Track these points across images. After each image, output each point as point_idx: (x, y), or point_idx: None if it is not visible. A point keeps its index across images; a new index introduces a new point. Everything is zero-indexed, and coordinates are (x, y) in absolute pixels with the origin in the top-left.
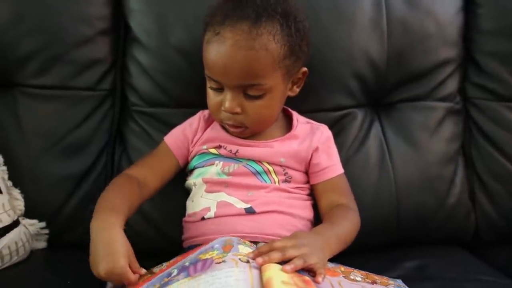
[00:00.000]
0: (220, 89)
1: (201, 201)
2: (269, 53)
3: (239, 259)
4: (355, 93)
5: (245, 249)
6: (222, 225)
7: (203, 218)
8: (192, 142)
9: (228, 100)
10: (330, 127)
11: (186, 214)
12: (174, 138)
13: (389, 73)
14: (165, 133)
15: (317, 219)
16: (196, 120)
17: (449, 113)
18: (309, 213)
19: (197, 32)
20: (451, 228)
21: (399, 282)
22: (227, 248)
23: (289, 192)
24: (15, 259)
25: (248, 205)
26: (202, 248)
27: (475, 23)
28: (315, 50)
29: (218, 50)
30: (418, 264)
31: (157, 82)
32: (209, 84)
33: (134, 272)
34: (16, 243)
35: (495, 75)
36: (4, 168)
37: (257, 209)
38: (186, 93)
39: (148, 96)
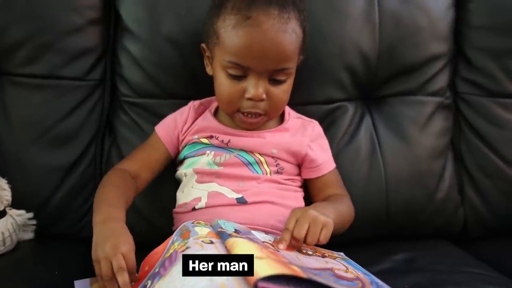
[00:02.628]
0: (242, 77)
1: (192, 192)
2: (297, 37)
3: (202, 241)
4: (346, 86)
5: (203, 230)
6: (213, 215)
7: (194, 209)
8: (182, 131)
9: (254, 86)
10: (321, 120)
11: (176, 205)
12: (165, 128)
13: (380, 66)
14: (155, 124)
15: None
16: (186, 110)
17: (439, 108)
18: (300, 204)
19: (189, 22)
20: (440, 222)
21: (342, 254)
22: (185, 235)
23: (280, 183)
24: (1, 249)
25: (240, 195)
26: (165, 250)
27: (466, 18)
28: (307, 42)
29: (252, 34)
30: (407, 257)
31: (148, 72)
32: (228, 71)
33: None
34: (2, 233)
35: (485, 71)
36: None
37: (248, 199)
38: (177, 84)
39: (138, 86)
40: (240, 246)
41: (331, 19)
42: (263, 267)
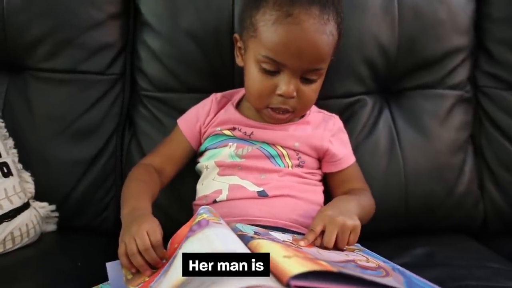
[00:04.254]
0: (275, 72)
1: (213, 184)
2: (333, 39)
3: None
4: (366, 79)
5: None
6: (234, 208)
7: (215, 201)
8: (204, 124)
9: (286, 84)
10: (340, 114)
11: (196, 198)
12: (187, 122)
13: (399, 59)
14: (175, 118)
15: None
16: (208, 102)
17: (459, 102)
18: (320, 198)
19: (208, 17)
20: (459, 217)
21: (358, 245)
22: (216, 214)
23: (301, 177)
24: (25, 240)
25: (261, 188)
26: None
27: (486, 11)
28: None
29: (292, 32)
30: (426, 251)
31: (167, 66)
32: (262, 66)
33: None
34: (26, 225)
35: (506, 64)
36: (15, 151)
37: (269, 193)
38: (196, 78)
39: (158, 81)
40: (266, 247)
41: (350, 13)
42: (294, 265)
